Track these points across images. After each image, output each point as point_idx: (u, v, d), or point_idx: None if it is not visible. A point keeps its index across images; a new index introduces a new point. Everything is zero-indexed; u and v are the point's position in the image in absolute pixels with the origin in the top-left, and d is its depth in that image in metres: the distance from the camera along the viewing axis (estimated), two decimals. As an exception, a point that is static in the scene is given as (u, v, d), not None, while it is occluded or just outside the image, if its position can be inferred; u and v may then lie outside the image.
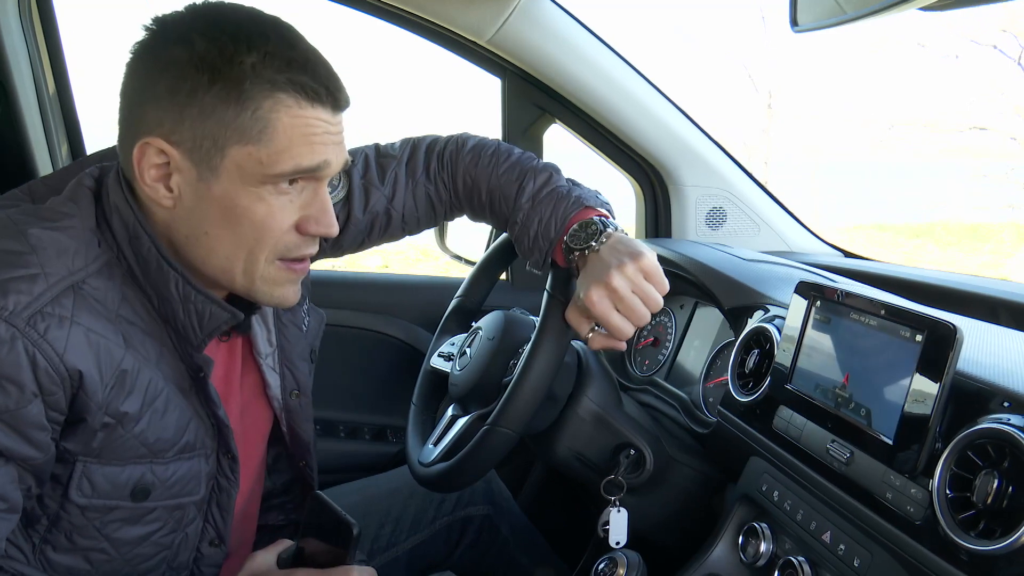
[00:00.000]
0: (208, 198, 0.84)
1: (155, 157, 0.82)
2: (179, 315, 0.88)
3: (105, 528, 0.89)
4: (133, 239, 0.86)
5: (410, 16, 1.66)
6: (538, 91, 1.72)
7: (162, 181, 0.84)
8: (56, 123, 1.95)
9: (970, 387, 0.81)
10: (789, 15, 0.95)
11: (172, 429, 0.90)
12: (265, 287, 0.90)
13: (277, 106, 0.81)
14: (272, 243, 0.87)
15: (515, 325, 1.22)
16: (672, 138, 1.69)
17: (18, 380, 0.77)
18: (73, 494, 0.86)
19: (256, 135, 0.81)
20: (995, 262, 9.80)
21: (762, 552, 1.04)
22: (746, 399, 1.10)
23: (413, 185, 1.21)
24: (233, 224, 0.85)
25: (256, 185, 0.83)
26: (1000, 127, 11.98)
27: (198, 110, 0.80)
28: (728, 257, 1.43)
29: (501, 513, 1.41)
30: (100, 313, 0.83)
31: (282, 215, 0.86)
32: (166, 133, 0.81)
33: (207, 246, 0.86)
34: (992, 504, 0.73)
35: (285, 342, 1.06)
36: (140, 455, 0.88)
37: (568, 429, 1.19)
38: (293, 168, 0.83)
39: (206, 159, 0.82)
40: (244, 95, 0.80)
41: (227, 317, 0.90)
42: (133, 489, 0.89)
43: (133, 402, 0.85)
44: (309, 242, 0.90)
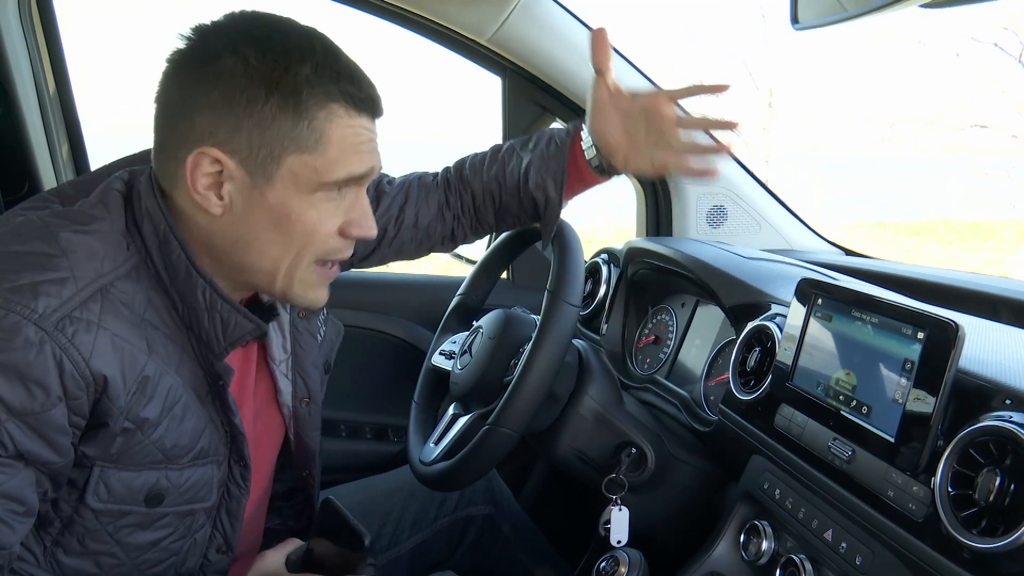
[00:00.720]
0: (261, 205, 0.85)
1: (209, 166, 0.84)
2: (203, 323, 0.89)
3: (117, 533, 0.90)
4: (163, 244, 0.86)
5: (410, 15, 1.66)
6: (538, 89, 1.72)
7: (214, 189, 0.85)
8: (56, 123, 1.95)
9: (971, 385, 0.81)
10: (790, 13, 0.95)
11: (188, 435, 0.90)
12: (301, 289, 0.92)
13: (331, 116, 0.84)
14: (318, 247, 0.89)
15: (516, 324, 1.22)
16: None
17: (44, 383, 0.77)
18: (90, 499, 0.86)
19: (312, 145, 0.84)
20: (996, 260, 9.80)
21: (764, 550, 1.04)
22: (747, 397, 1.10)
23: (426, 192, 1.25)
24: (284, 229, 0.87)
25: (309, 192, 0.86)
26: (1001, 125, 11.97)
27: (256, 120, 0.82)
28: (729, 255, 1.43)
29: (502, 513, 1.41)
30: (126, 317, 0.83)
31: (330, 220, 0.88)
32: (220, 142, 0.83)
33: (258, 251, 0.88)
34: (994, 502, 0.73)
35: (299, 349, 1.06)
36: (156, 461, 0.88)
37: (569, 428, 1.19)
38: (347, 176, 0.86)
39: (261, 168, 0.84)
40: (301, 106, 0.82)
41: (252, 328, 0.91)
42: (147, 494, 0.89)
43: (153, 408, 0.86)
44: (349, 245, 0.92)
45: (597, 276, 1.63)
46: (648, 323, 1.56)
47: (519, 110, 1.76)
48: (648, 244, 1.51)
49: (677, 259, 1.41)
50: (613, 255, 1.64)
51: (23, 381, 0.76)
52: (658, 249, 1.47)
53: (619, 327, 1.57)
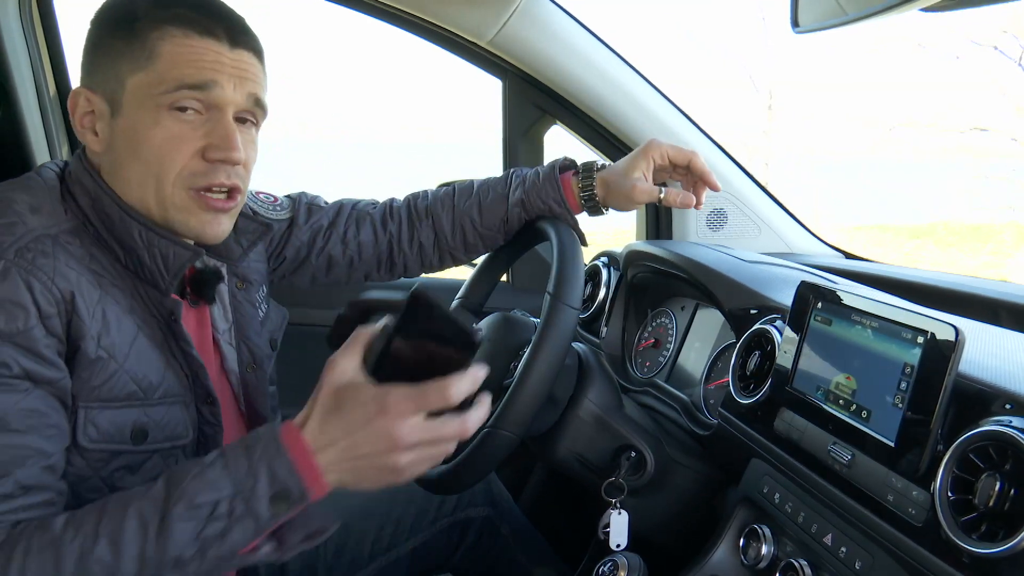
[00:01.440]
0: (118, 132, 0.92)
1: (84, 106, 0.93)
2: (145, 261, 0.94)
3: (110, 477, 0.91)
4: (96, 200, 0.93)
5: (411, 17, 1.66)
6: (539, 92, 1.72)
7: (89, 127, 0.94)
8: (56, 123, 1.95)
9: (971, 389, 0.81)
10: (790, 16, 0.95)
11: (155, 370, 0.94)
12: (180, 215, 0.94)
13: (163, 36, 0.90)
14: (176, 169, 0.92)
15: (516, 327, 1.22)
16: (673, 139, 1.68)
17: (21, 302, 0.82)
18: (80, 438, 0.88)
19: (144, 62, 0.90)
20: (995, 262, 9.80)
21: (763, 554, 1.03)
22: (747, 401, 1.10)
23: (357, 214, 1.32)
24: (137, 151, 0.92)
25: (152, 110, 0.90)
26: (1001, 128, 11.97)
27: (103, 53, 0.92)
28: (729, 259, 1.43)
29: (502, 515, 1.41)
30: (74, 261, 0.89)
31: (181, 142, 0.91)
32: (87, 84, 0.93)
33: (123, 178, 0.93)
34: (994, 507, 0.73)
35: (240, 317, 1.11)
36: (132, 394, 0.91)
37: (569, 431, 1.19)
38: (177, 83, 0.90)
39: (112, 96, 0.92)
40: (135, 32, 0.90)
41: (189, 255, 0.95)
42: (132, 431, 0.92)
43: (116, 337, 0.90)
44: (217, 170, 0.93)
45: (597, 279, 1.63)
46: (648, 326, 1.56)
47: (519, 113, 1.76)
48: (648, 247, 1.51)
49: (677, 262, 1.41)
50: (613, 258, 1.64)
51: (1, 306, 0.81)
52: (658, 252, 1.47)
53: (619, 330, 1.57)
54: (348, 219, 1.31)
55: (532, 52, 1.63)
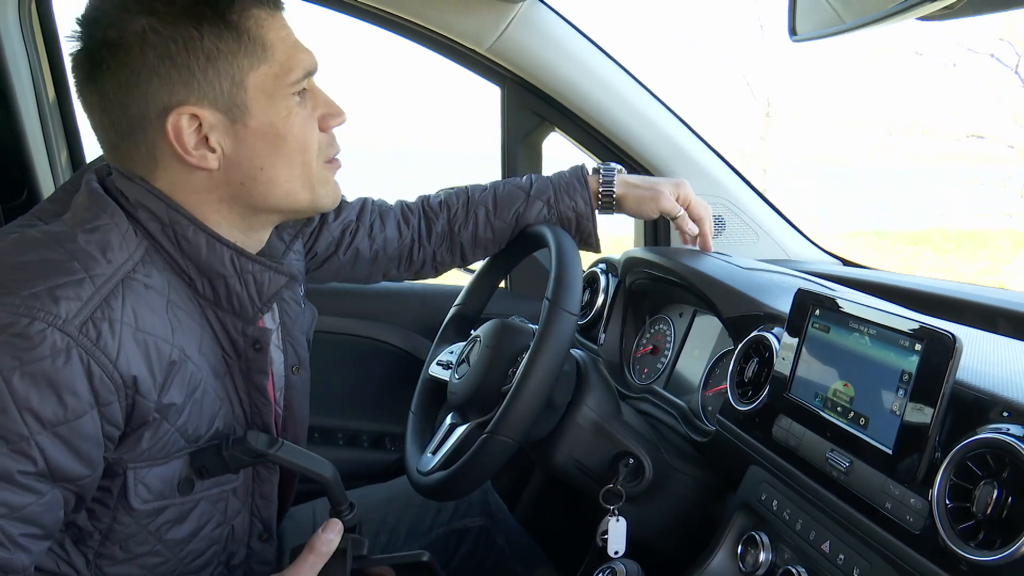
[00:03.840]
0: (248, 136, 0.86)
1: (188, 126, 0.84)
2: (235, 289, 0.89)
3: (157, 531, 0.90)
4: (168, 227, 0.86)
5: (410, 24, 1.66)
6: (537, 99, 1.72)
7: (203, 145, 0.85)
8: (56, 130, 1.95)
9: (969, 396, 0.81)
10: (788, 24, 0.96)
11: (207, 418, 0.90)
12: (323, 189, 0.94)
13: (259, 22, 0.86)
14: (315, 148, 0.91)
15: (514, 333, 1.22)
16: (671, 146, 1.69)
17: (75, 389, 0.76)
18: (134, 501, 0.86)
19: (261, 55, 0.85)
20: (993, 269, 9.81)
21: (761, 561, 1.03)
22: (745, 408, 1.10)
23: (380, 211, 1.33)
24: (280, 147, 0.88)
25: (283, 100, 0.87)
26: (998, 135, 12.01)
27: (203, 58, 0.82)
28: (727, 266, 1.43)
29: (497, 524, 1.41)
30: (150, 303, 0.83)
31: (310, 121, 0.91)
32: (183, 98, 0.83)
33: (266, 179, 0.89)
34: (992, 514, 0.73)
35: (287, 318, 1.07)
36: (180, 448, 0.88)
37: (567, 437, 1.19)
38: (304, 72, 0.88)
39: (232, 101, 0.85)
40: (231, 24, 0.83)
41: (285, 280, 0.93)
42: (179, 483, 0.90)
43: (177, 394, 0.85)
44: (334, 138, 0.96)
45: (595, 285, 1.63)
46: (646, 333, 1.56)
47: (518, 120, 1.76)
48: (646, 254, 1.51)
49: (675, 269, 1.41)
50: (611, 264, 1.64)
51: (53, 389, 0.75)
52: (656, 259, 1.47)
53: (617, 337, 1.57)
54: (372, 214, 1.32)
55: (531, 59, 1.64)
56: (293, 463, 0.92)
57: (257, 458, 0.91)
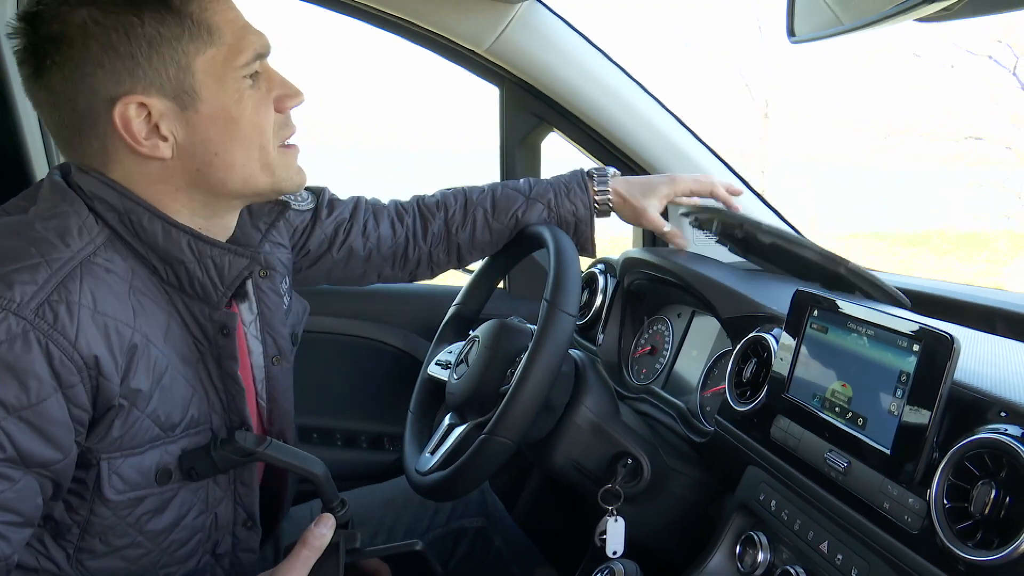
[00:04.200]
0: (201, 122, 0.85)
1: (136, 115, 0.82)
2: (196, 275, 0.88)
3: (137, 522, 0.89)
4: (125, 215, 0.85)
5: (409, 25, 1.66)
6: (536, 100, 1.72)
7: (154, 134, 0.84)
8: (54, 130, 1.94)
9: (967, 397, 0.81)
10: (786, 26, 0.96)
11: (179, 405, 0.89)
12: (284, 173, 0.93)
13: (202, 6, 0.84)
14: (271, 131, 0.90)
15: (513, 334, 1.22)
16: (669, 147, 1.69)
17: (35, 373, 0.76)
18: (108, 492, 0.85)
19: (208, 38, 0.83)
20: (991, 271, 9.83)
21: (759, 562, 1.04)
22: (743, 408, 1.10)
23: (374, 209, 1.33)
24: (234, 131, 0.87)
25: (233, 84, 0.86)
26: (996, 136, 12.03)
27: (146, 44, 0.81)
28: (725, 266, 1.43)
29: (495, 525, 1.41)
30: (111, 287, 0.82)
31: (264, 105, 0.89)
32: (129, 88, 0.81)
33: (223, 164, 0.87)
34: (990, 514, 0.73)
35: (265, 309, 1.06)
36: (154, 437, 0.87)
37: (565, 438, 1.19)
38: (254, 53, 0.87)
39: (180, 86, 0.83)
40: (173, 9, 0.82)
41: (246, 262, 0.91)
42: (156, 473, 0.89)
43: (143, 379, 0.85)
44: (289, 119, 0.94)
45: (593, 286, 1.63)
46: (644, 333, 1.56)
47: (517, 120, 1.77)
48: (644, 255, 1.51)
49: (673, 270, 1.41)
50: (609, 265, 1.64)
51: (14, 374, 0.75)
52: (654, 260, 1.47)
53: (615, 337, 1.57)
54: (366, 212, 1.32)
55: (529, 60, 1.64)
56: (282, 460, 0.91)
57: (246, 457, 0.91)
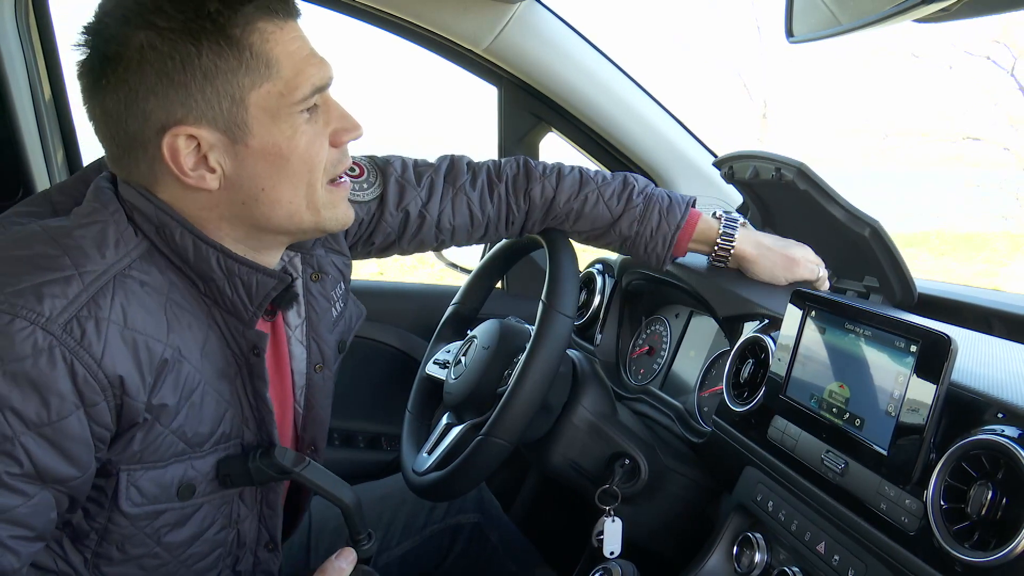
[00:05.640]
0: (250, 156, 0.83)
1: (185, 147, 0.81)
2: (226, 292, 0.87)
3: (155, 534, 0.88)
4: (161, 229, 0.84)
5: (407, 24, 1.66)
6: (534, 100, 1.72)
7: (202, 165, 0.82)
8: (52, 129, 1.94)
9: (964, 398, 0.82)
10: (784, 26, 0.96)
11: (209, 421, 0.88)
12: (329, 212, 0.90)
13: (265, 36, 0.81)
14: (322, 167, 0.87)
15: (511, 334, 1.22)
16: (667, 147, 1.69)
17: (57, 390, 0.75)
18: (124, 504, 0.84)
19: (265, 72, 0.81)
20: (989, 272, 9.82)
21: (756, 562, 1.04)
22: (741, 409, 1.10)
23: (453, 193, 1.23)
24: (283, 168, 0.84)
25: (286, 120, 0.83)
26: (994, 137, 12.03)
27: (202, 77, 0.79)
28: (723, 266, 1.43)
29: (491, 521, 1.41)
30: (144, 302, 0.81)
31: (318, 139, 0.87)
32: (181, 119, 0.80)
33: (269, 200, 0.85)
34: (986, 515, 0.73)
35: (313, 314, 1.03)
36: (179, 452, 0.86)
37: (563, 438, 1.19)
38: (312, 88, 0.84)
39: (232, 120, 0.81)
40: (232, 40, 0.80)
41: (275, 283, 0.89)
42: (179, 488, 0.87)
43: (170, 395, 0.83)
44: (346, 154, 0.91)
45: (592, 286, 1.63)
46: (642, 334, 1.56)
47: (515, 120, 1.77)
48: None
49: (671, 270, 1.41)
50: (608, 265, 1.64)
51: (36, 390, 0.74)
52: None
53: (613, 337, 1.57)
54: (443, 200, 1.23)
55: (528, 60, 1.64)
56: (316, 484, 0.91)
57: (282, 474, 0.90)
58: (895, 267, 1.17)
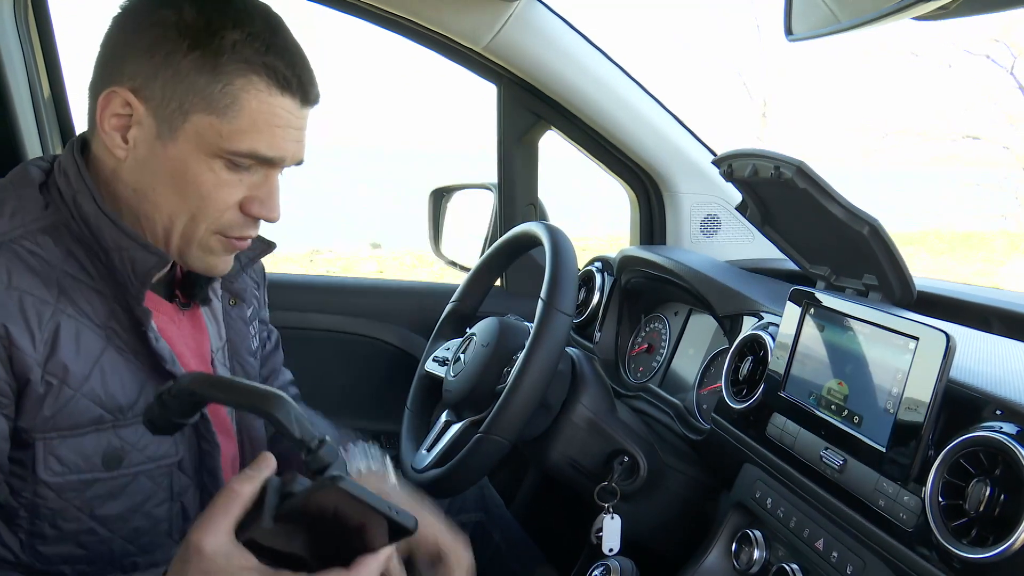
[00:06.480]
0: (161, 157, 0.86)
1: (119, 107, 0.86)
2: (116, 264, 0.88)
3: (87, 506, 0.88)
4: (77, 194, 0.88)
5: (406, 22, 1.66)
6: (534, 98, 1.72)
7: (120, 131, 0.87)
8: (51, 125, 1.94)
9: (962, 395, 0.82)
10: (784, 24, 0.96)
11: (126, 390, 0.89)
12: (199, 253, 0.92)
13: (248, 86, 0.85)
14: (215, 216, 0.89)
15: (510, 332, 1.22)
16: (667, 145, 1.69)
17: None
18: (43, 474, 0.84)
19: (222, 109, 0.84)
20: (987, 270, 9.84)
21: (755, 559, 1.04)
22: (740, 406, 1.10)
23: None
24: (180, 188, 0.87)
25: (210, 156, 0.86)
26: (992, 136, 12.05)
27: (172, 72, 0.84)
28: (722, 264, 1.43)
29: (493, 520, 1.41)
30: (32, 269, 0.84)
31: (229, 191, 0.88)
32: (137, 87, 0.85)
33: (152, 202, 0.88)
34: (984, 512, 0.73)
35: (233, 335, 1.07)
36: (97, 418, 0.86)
37: (562, 435, 1.19)
38: (249, 151, 0.86)
39: (168, 119, 0.85)
40: (219, 68, 0.84)
41: (155, 261, 0.89)
42: (104, 457, 0.88)
43: (73, 358, 0.84)
44: (250, 224, 0.92)
45: (591, 284, 1.63)
46: (641, 331, 1.56)
47: (514, 118, 1.76)
48: (641, 252, 1.51)
49: (670, 268, 1.41)
50: (607, 263, 1.64)
51: None
52: (651, 257, 1.47)
53: (612, 335, 1.57)
54: None
55: (527, 58, 1.63)
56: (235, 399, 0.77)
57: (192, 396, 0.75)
58: (894, 265, 1.17)
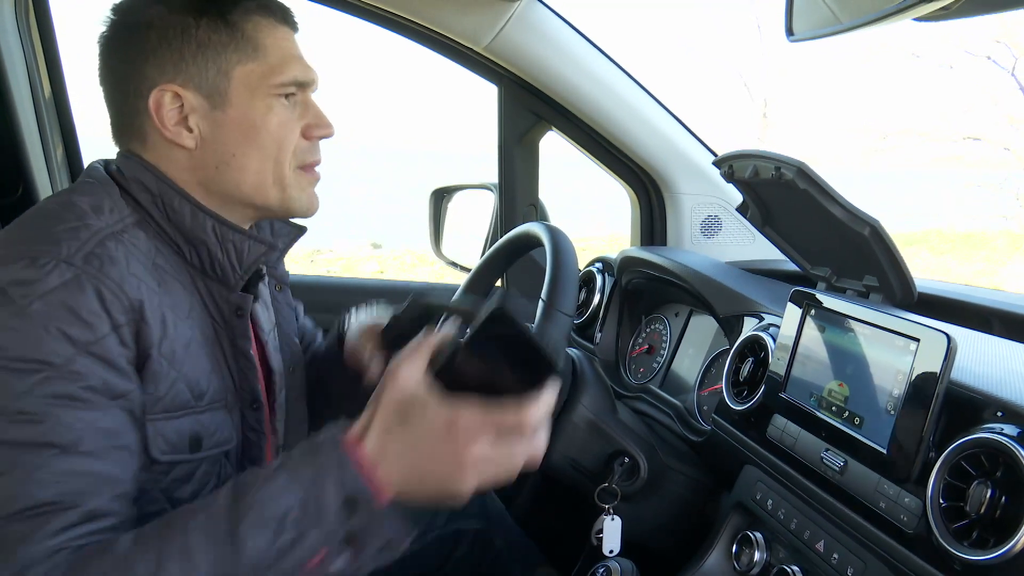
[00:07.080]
0: (226, 123, 0.92)
1: (170, 103, 0.90)
2: (217, 257, 0.94)
3: (168, 489, 0.91)
4: (158, 198, 0.92)
5: (407, 22, 1.66)
6: (534, 98, 1.72)
7: (182, 124, 0.91)
8: (52, 127, 1.94)
9: (963, 397, 0.82)
10: (785, 24, 0.96)
11: (204, 375, 0.93)
12: (296, 193, 0.97)
13: (259, 26, 0.93)
14: (291, 150, 0.95)
15: None
16: (668, 146, 1.69)
17: (96, 311, 0.80)
18: (154, 451, 0.87)
19: (252, 53, 0.92)
20: (988, 271, 9.83)
21: (756, 561, 1.04)
22: (740, 407, 1.10)
23: None
24: (254, 139, 0.93)
25: (264, 98, 0.93)
26: (994, 137, 12.05)
27: (195, 45, 0.90)
28: (723, 265, 1.43)
29: (495, 526, 1.40)
30: (140, 260, 0.88)
31: (291, 124, 0.95)
32: (171, 78, 0.90)
33: (238, 167, 0.93)
34: (985, 514, 0.73)
35: (282, 320, 1.11)
36: (186, 402, 0.90)
37: (563, 436, 1.19)
38: (292, 79, 0.94)
39: (215, 87, 0.91)
40: (230, 22, 0.91)
41: (264, 249, 0.97)
42: (190, 440, 0.91)
43: (175, 342, 0.88)
44: (316, 148, 0.99)
45: (591, 285, 1.63)
46: (642, 332, 1.56)
47: (515, 118, 1.76)
48: (642, 253, 1.51)
49: (671, 268, 1.41)
50: (607, 264, 1.64)
51: (74, 313, 0.79)
52: (652, 258, 1.47)
53: (613, 336, 1.57)
54: None
55: (528, 58, 1.64)
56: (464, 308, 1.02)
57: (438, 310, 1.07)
58: (895, 266, 1.17)
